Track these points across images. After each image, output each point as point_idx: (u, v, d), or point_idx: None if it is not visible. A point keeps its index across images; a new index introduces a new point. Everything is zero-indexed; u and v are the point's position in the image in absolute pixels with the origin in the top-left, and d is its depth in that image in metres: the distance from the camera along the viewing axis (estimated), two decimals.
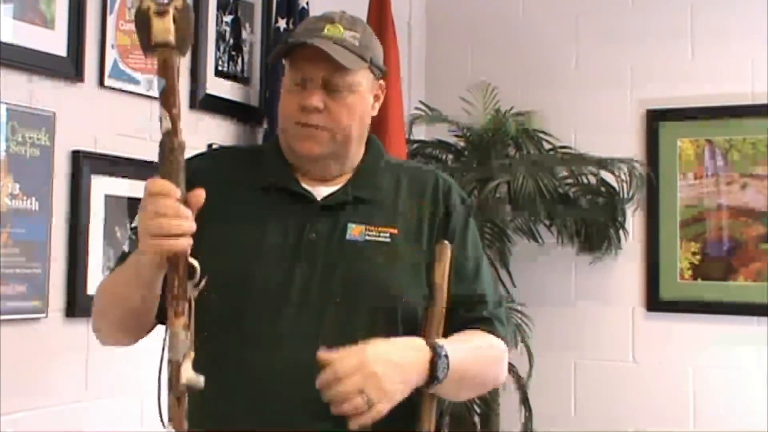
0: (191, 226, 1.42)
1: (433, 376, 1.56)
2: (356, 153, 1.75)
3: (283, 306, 1.61)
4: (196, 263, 1.41)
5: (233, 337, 1.62)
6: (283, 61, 1.73)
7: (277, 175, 1.72)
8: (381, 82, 1.76)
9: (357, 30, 1.69)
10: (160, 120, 1.40)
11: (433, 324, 1.67)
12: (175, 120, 1.39)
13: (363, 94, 1.70)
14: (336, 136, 1.68)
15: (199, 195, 1.43)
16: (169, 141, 1.39)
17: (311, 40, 1.64)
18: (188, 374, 1.39)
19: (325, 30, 1.66)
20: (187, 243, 1.41)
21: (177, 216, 1.40)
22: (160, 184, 1.41)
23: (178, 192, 1.41)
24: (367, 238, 1.67)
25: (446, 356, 1.57)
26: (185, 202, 1.42)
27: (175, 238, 1.40)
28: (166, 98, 1.39)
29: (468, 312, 1.72)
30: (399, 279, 1.67)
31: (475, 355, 1.67)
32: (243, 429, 1.59)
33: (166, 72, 1.39)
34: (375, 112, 1.76)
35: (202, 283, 1.41)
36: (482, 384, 1.80)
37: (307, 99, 1.64)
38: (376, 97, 1.75)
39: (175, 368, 1.38)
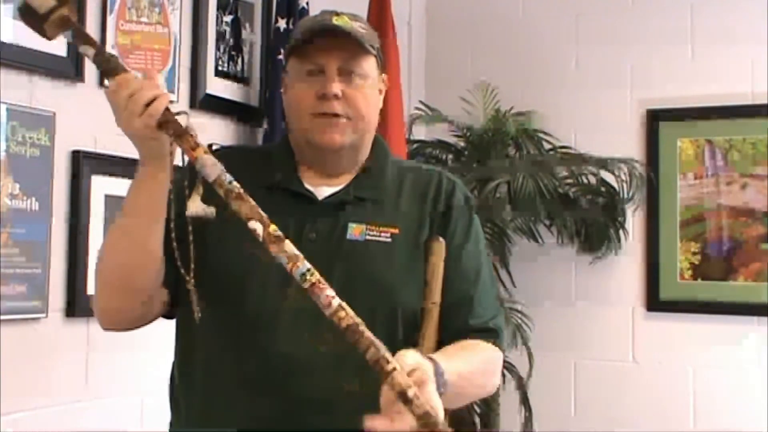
0: (159, 88, 1.50)
1: None
2: (367, 148, 1.74)
3: (282, 307, 1.60)
4: (183, 118, 1.51)
5: (232, 338, 1.61)
6: (282, 58, 1.73)
7: (281, 175, 1.71)
8: (384, 75, 1.76)
9: (361, 22, 1.71)
10: (85, 54, 1.54)
11: (425, 322, 1.66)
12: (94, 43, 1.53)
13: (374, 84, 1.71)
14: (357, 125, 1.67)
15: (152, 70, 1.58)
16: (103, 59, 1.53)
17: (326, 29, 1.64)
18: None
19: (334, 20, 1.66)
20: (164, 99, 1.48)
21: (143, 88, 1.48)
22: (113, 81, 1.50)
23: (132, 75, 1.50)
24: (368, 237, 1.65)
25: (442, 374, 1.49)
26: None
27: (153, 104, 1.47)
28: (80, 40, 1.53)
29: (465, 316, 1.68)
30: (399, 279, 1.65)
31: (471, 372, 1.62)
32: (242, 428, 1.59)
33: (71, 24, 1.53)
34: (381, 105, 1.76)
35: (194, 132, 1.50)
36: (475, 395, 1.77)
37: (326, 87, 1.64)
38: (380, 91, 1.75)
39: (219, 182, 1.46)
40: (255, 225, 1.44)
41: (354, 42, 1.65)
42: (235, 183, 1.46)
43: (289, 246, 1.44)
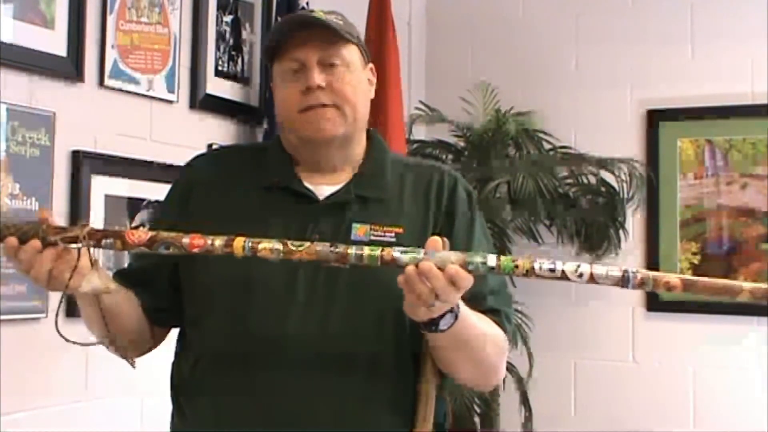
0: (45, 257, 1.57)
1: (436, 325, 1.51)
2: (360, 141, 1.72)
3: (287, 308, 1.59)
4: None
5: (238, 340, 1.60)
6: (269, 64, 1.72)
7: (280, 175, 1.69)
8: (371, 65, 1.75)
9: (337, 14, 1.70)
10: None
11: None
12: None
13: (359, 73, 1.69)
14: (345, 112, 1.65)
15: (46, 211, 1.61)
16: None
17: (298, 25, 1.65)
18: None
19: (306, 15, 1.68)
20: (72, 264, 1.57)
21: (53, 267, 1.57)
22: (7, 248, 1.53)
23: (13, 244, 1.54)
24: (372, 238, 1.63)
25: (458, 305, 1.51)
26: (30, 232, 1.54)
27: (74, 276, 1.56)
28: None
29: (475, 304, 1.62)
30: None
31: (483, 328, 1.61)
32: (247, 429, 1.58)
33: None
34: (372, 95, 1.75)
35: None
36: (480, 362, 1.65)
37: (308, 80, 1.62)
38: (369, 82, 1.74)
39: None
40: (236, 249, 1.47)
41: (329, 31, 1.64)
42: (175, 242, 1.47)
43: (266, 246, 1.46)
